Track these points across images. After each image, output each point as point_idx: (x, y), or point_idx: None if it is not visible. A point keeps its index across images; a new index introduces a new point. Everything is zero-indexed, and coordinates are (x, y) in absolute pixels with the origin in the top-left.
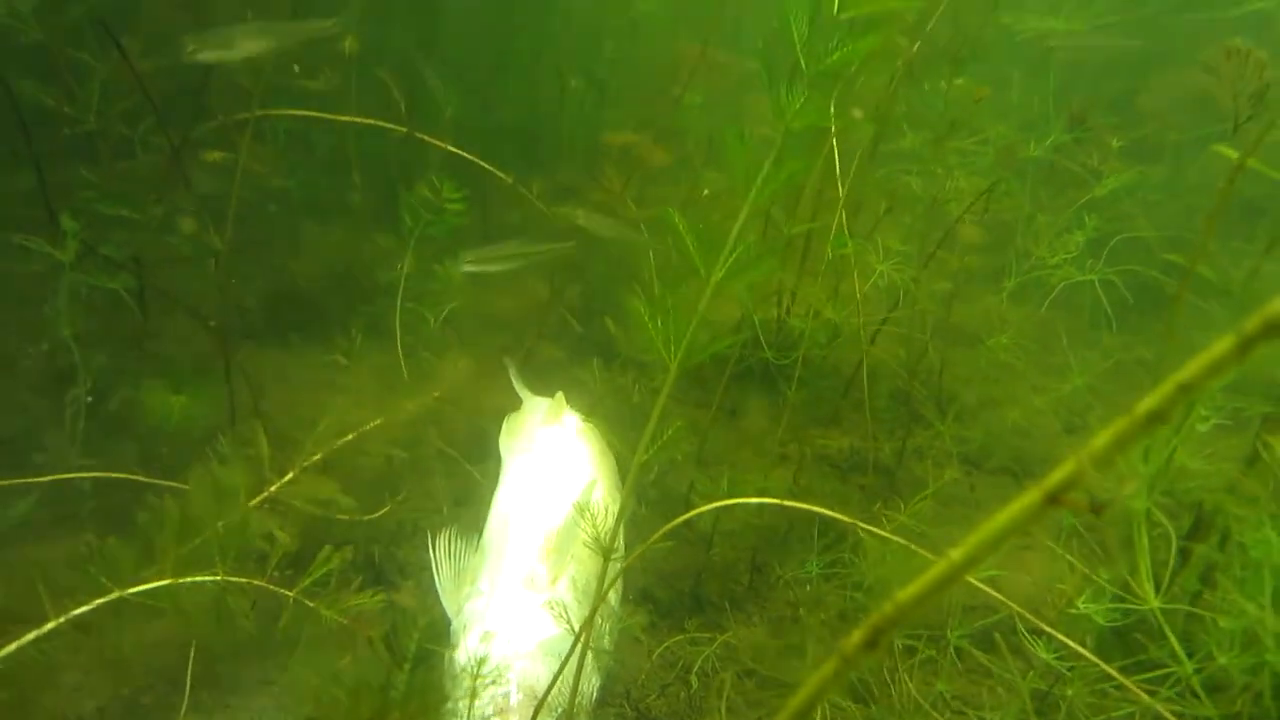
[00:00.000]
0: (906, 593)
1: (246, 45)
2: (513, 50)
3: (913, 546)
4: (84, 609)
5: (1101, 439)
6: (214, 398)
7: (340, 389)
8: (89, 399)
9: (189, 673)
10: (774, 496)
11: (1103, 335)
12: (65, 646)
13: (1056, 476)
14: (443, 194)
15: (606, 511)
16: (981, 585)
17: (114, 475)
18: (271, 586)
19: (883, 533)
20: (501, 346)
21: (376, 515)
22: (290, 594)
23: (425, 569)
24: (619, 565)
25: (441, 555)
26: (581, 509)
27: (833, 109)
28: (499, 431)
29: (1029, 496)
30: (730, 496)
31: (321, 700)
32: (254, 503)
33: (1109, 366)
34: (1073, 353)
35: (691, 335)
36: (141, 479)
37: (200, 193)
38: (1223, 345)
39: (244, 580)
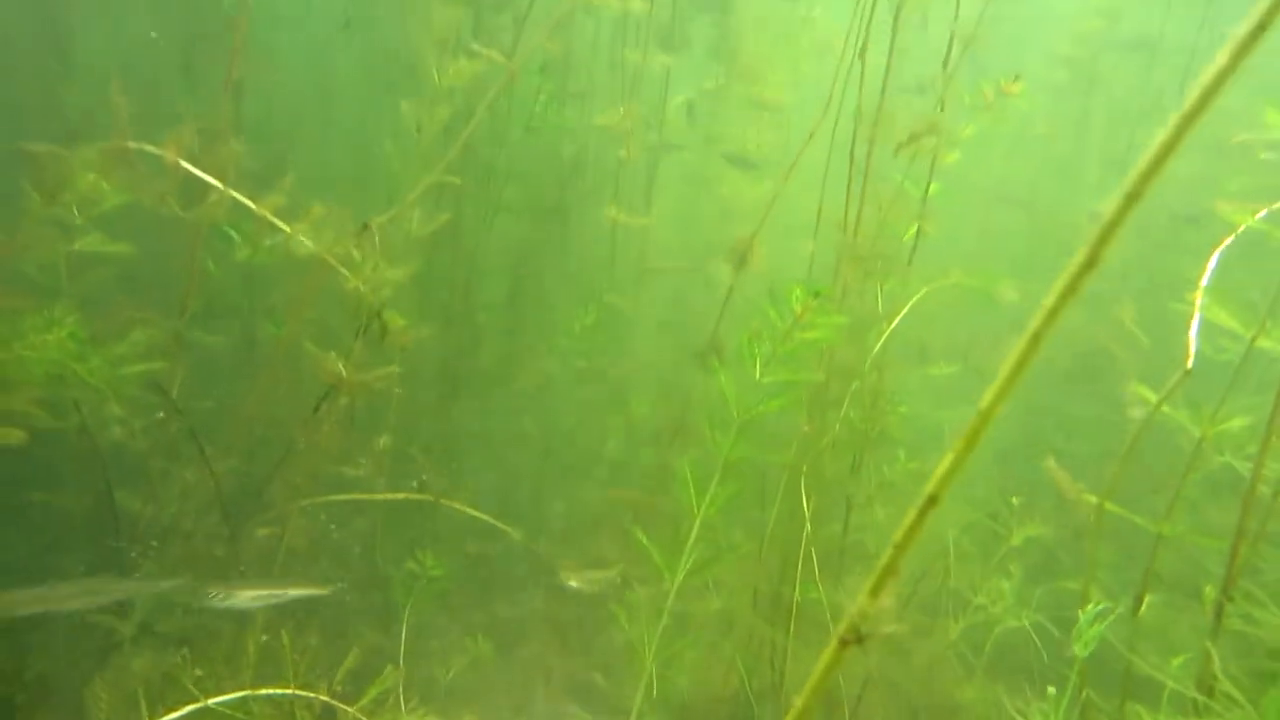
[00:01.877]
0: None
1: None
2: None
3: None
4: None
5: (866, 584)
6: None
7: None
8: None
9: None
10: None
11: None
12: None
13: (843, 626)
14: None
15: None
16: None
17: None
18: None
19: None
20: (509, 706)
21: None
22: None
23: None
24: None
25: None
26: None
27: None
28: None
29: (831, 642)
30: None
31: None
32: None
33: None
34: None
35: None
36: None
37: (247, 572)
38: (914, 510)
39: None
